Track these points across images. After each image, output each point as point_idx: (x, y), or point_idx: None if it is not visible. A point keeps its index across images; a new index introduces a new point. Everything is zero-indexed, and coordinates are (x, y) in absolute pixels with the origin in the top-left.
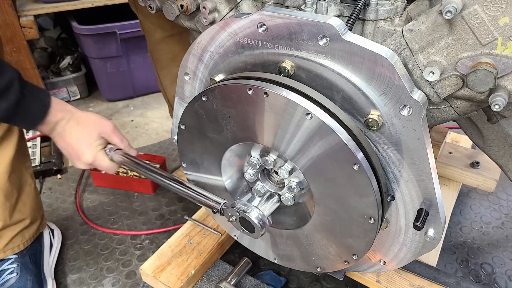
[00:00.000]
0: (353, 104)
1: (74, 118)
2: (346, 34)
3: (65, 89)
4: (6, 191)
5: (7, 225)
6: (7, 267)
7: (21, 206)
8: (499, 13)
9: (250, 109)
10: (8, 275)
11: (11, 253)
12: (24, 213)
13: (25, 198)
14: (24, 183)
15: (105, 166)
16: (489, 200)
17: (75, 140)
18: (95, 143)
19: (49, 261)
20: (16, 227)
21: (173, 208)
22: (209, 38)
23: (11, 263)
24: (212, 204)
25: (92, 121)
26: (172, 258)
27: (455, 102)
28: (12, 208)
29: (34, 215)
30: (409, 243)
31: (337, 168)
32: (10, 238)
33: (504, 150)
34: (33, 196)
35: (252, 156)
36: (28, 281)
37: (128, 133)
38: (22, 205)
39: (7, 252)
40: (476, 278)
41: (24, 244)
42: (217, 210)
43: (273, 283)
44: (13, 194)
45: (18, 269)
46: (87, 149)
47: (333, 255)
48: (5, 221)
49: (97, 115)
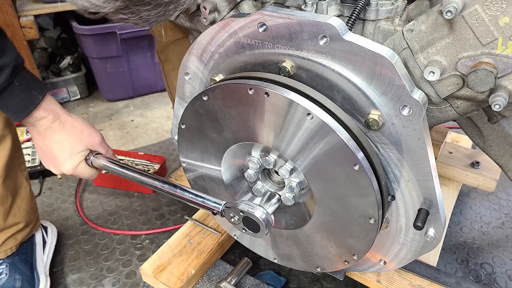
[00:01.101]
0: (354, 104)
1: (61, 121)
2: (346, 34)
3: (65, 89)
4: (0, 197)
5: (1, 229)
6: None
7: (15, 210)
8: (499, 13)
9: (250, 109)
10: None
11: (3, 255)
12: (19, 217)
13: (20, 202)
14: (19, 186)
15: (85, 176)
16: (489, 200)
17: (57, 146)
18: (78, 155)
19: (43, 258)
20: (10, 230)
21: (173, 208)
22: (209, 38)
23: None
24: (211, 206)
25: (79, 130)
26: (172, 258)
27: (455, 102)
28: (7, 212)
29: (28, 218)
30: (409, 243)
31: (337, 168)
32: (2, 241)
33: (504, 150)
34: (28, 199)
35: (252, 156)
36: (17, 280)
37: (128, 133)
38: (17, 209)
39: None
40: (476, 278)
41: (16, 246)
42: (217, 212)
43: (273, 283)
44: (7, 198)
45: (7, 269)
46: (69, 159)
47: (333, 255)
48: None
49: (86, 122)
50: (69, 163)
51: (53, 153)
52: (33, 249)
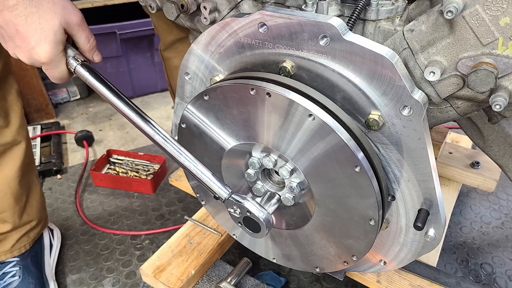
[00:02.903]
0: (354, 104)
1: None
2: (346, 34)
3: (65, 89)
4: (16, 195)
5: (16, 227)
6: (9, 270)
7: (29, 208)
8: (500, 13)
9: (251, 109)
10: (10, 278)
11: (17, 253)
12: (32, 215)
13: (33, 200)
14: (31, 185)
15: (54, 75)
16: (489, 200)
17: (23, 21)
18: (54, 37)
19: (50, 262)
20: (24, 228)
21: (173, 208)
22: (209, 38)
23: (13, 265)
24: (217, 190)
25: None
26: (172, 258)
27: (455, 102)
28: (22, 210)
29: (40, 215)
30: (409, 243)
31: (338, 169)
32: (17, 239)
33: (504, 150)
34: (39, 197)
35: (252, 156)
36: (31, 284)
37: (128, 133)
38: (30, 207)
39: (14, 252)
40: (476, 278)
41: (29, 244)
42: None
43: (273, 283)
44: (22, 197)
45: (20, 272)
46: (43, 42)
47: (333, 255)
48: (15, 224)
49: None
50: (43, 48)
51: (20, 32)
52: (42, 252)
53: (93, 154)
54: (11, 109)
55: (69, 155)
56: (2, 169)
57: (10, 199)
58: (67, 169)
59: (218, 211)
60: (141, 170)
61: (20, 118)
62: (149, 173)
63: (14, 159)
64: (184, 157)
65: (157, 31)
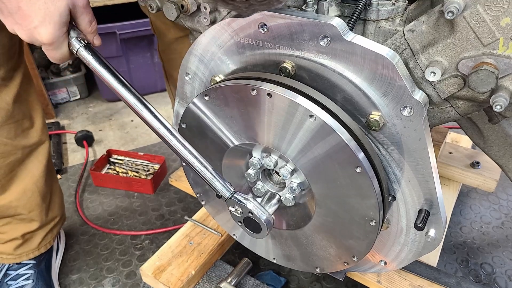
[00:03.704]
0: (354, 105)
1: None
2: (347, 34)
3: (65, 89)
4: (43, 193)
5: (43, 225)
6: (24, 272)
7: (52, 205)
8: (500, 13)
9: (252, 109)
10: (24, 281)
11: (44, 249)
12: (55, 211)
13: (55, 196)
14: (53, 181)
15: (55, 56)
16: (489, 200)
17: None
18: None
19: (55, 266)
20: (50, 225)
21: (173, 208)
22: (210, 38)
23: (28, 268)
24: (221, 188)
25: None
26: (172, 259)
27: (456, 103)
28: (47, 208)
29: (61, 211)
30: (410, 243)
31: (338, 169)
32: (43, 236)
33: (505, 150)
34: (60, 193)
35: (253, 156)
36: None
37: (128, 133)
38: (53, 204)
39: (41, 249)
40: (476, 278)
41: (53, 240)
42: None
43: (273, 283)
44: (47, 195)
45: (34, 276)
46: (47, 22)
47: (333, 256)
48: (42, 222)
49: None
50: (46, 29)
51: (22, 9)
52: (51, 255)
53: (93, 154)
54: (33, 110)
55: (69, 155)
56: (30, 169)
57: (38, 198)
58: (67, 169)
59: (219, 212)
60: (141, 170)
61: (42, 117)
62: (149, 173)
63: (40, 158)
64: (188, 151)
65: (154, 30)
